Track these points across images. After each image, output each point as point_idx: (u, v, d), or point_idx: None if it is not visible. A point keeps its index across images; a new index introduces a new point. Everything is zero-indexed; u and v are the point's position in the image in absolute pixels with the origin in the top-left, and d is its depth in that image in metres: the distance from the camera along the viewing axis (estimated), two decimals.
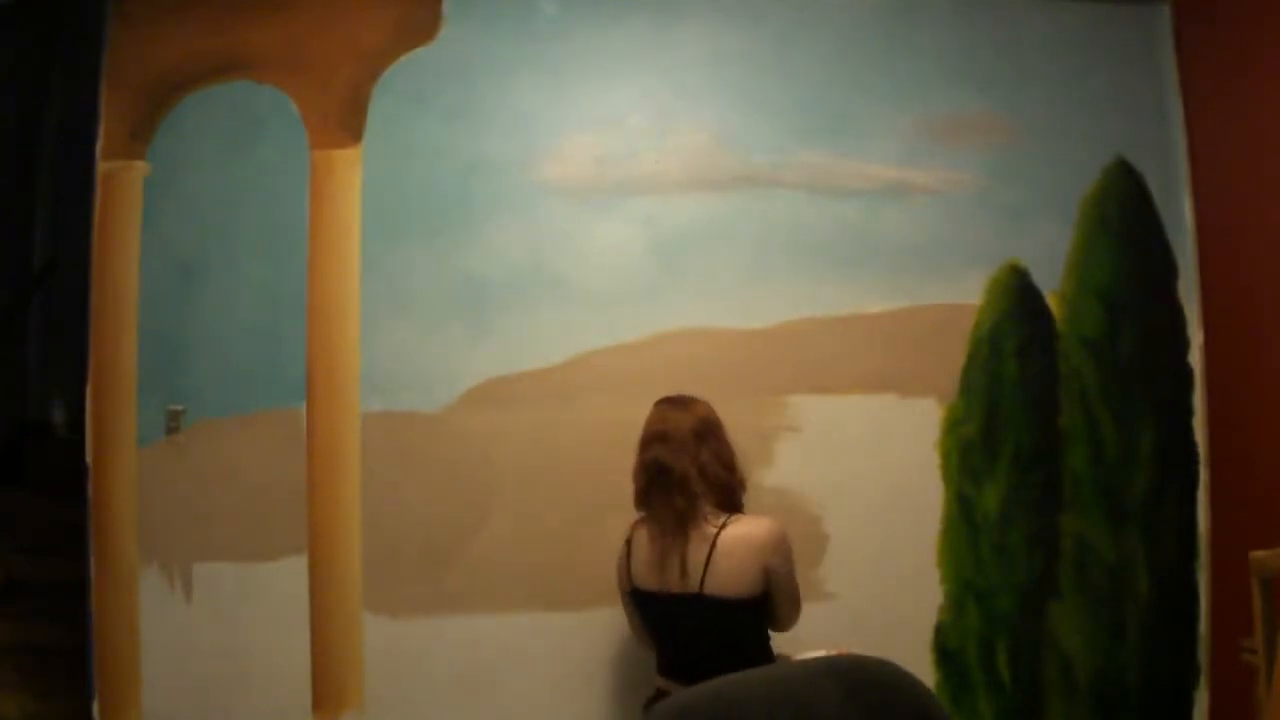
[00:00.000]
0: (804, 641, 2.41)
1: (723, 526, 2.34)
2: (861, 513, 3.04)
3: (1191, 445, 3.12)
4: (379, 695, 2.88)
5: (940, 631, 3.03)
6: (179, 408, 2.90)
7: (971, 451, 3.08)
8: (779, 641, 2.47)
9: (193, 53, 3.01)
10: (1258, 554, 2.46)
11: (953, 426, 3.08)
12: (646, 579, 2.39)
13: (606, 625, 2.93)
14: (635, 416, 3.00)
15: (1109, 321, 3.13)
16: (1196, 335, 3.15)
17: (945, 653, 3.03)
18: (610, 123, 3.10)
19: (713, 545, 2.31)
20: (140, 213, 2.95)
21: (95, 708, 2.81)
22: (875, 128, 3.17)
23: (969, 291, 3.12)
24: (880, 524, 3.04)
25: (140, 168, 2.97)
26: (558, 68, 3.11)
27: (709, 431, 2.47)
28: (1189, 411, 3.14)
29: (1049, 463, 3.09)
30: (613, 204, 3.08)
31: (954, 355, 3.10)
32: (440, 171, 3.04)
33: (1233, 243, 3.05)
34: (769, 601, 2.36)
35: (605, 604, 2.94)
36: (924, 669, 3.00)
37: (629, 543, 2.48)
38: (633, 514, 2.51)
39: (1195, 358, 3.15)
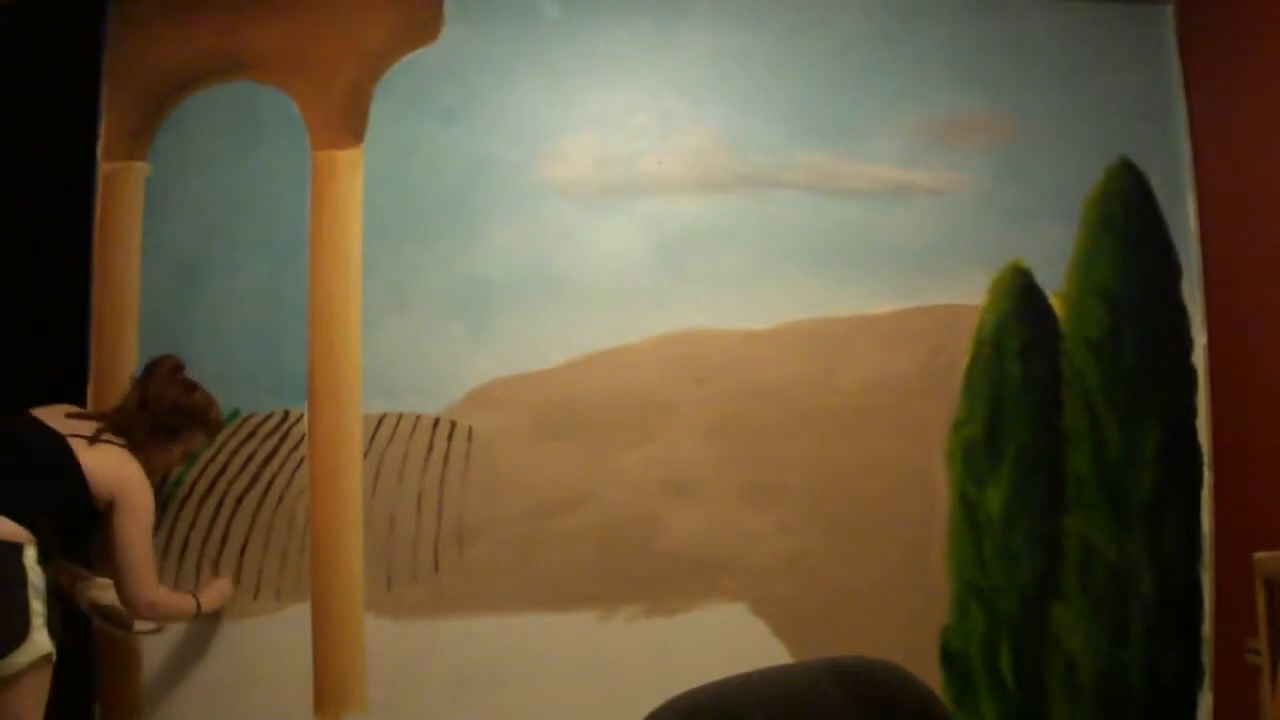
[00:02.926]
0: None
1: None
2: (863, 514, 3.03)
3: (1195, 446, 3.11)
4: (381, 697, 2.87)
5: (944, 633, 3.02)
6: None
7: (974, 453, 3.07)
8: None
9: (194, 53, 3.01)
10: (1262, 555, 2.46)
11: (955, 428, 3.08)
12: None
13: (609, 626, 2.93)
14: (638, 417, 3.01)
15: (1112, 322, 3.12)
16: (1200, 336, 3.14)
17: (948, 654, 3.02)
18: (612, 123, 3.10)
19: None
20: (141, 213, 2.96)
21: (96, 709, 2.81)
22: (877, 128, 3.16)
23: (972, 292, 3.11)
24: (882, 525, 3.03)
25: (141, 168, 2.97)
26: (559, 68, 3.10)
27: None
28: (1193, 412, 3.12)
29: (1052, 464, 3.08)
30: (614, 204, 3.07)
31: (957, 356, 3.10)
32: (442, 172, 3.04)
33: (1236, 243, 3.04)
34: None
35: (608, 605, 2.94)
36: (929, 671, 2.99)
37: None
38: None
39: (1199, 358, 3.13)
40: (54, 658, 2.29)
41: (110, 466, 2.47)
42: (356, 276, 2.99)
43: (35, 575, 2.27)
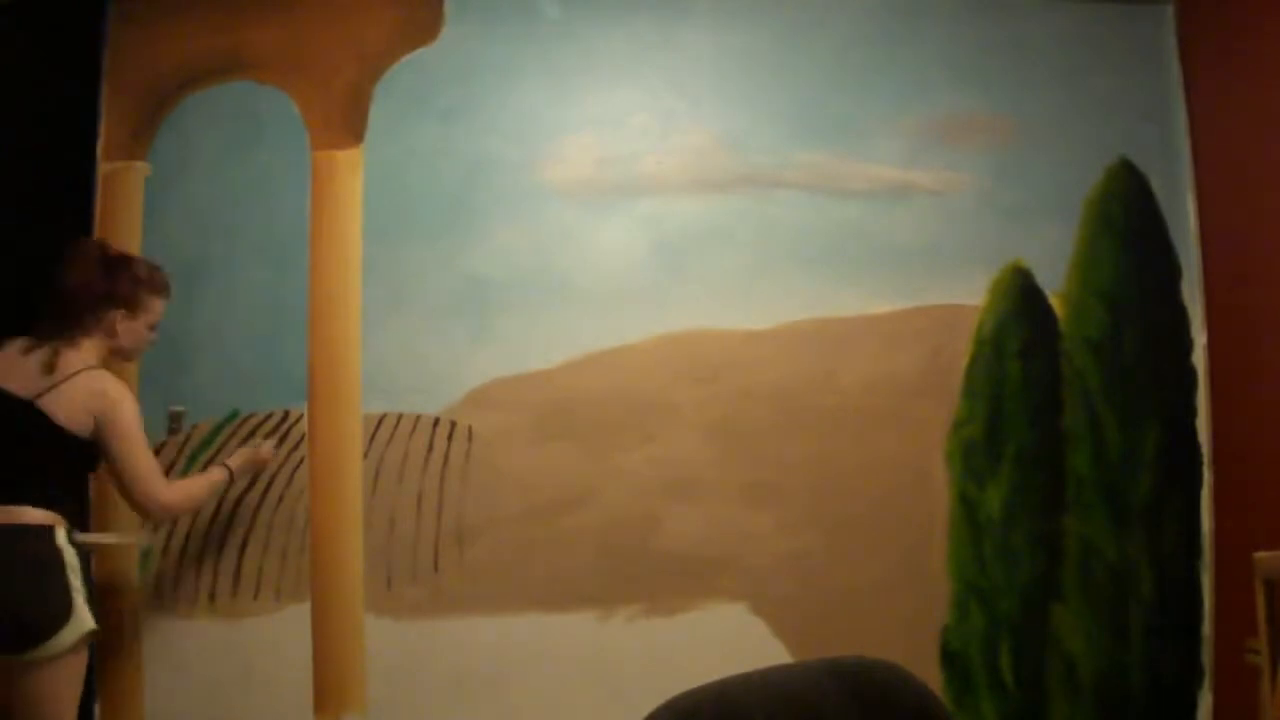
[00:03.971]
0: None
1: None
2: (863, 514, 3.03)
3: (1195, 446, 3.11)
4: (381, 697, 2.87)
5: (944, 633, 3.02)
6: (180, 409, 2.90)
7: (974, 452, 3.07)
8: None
9: (193, 53, 3.01)
10: (1261, 555, 2.46)
11: (956, 428, 3.08)
12: None
13: (609, 626, 2.93)
14: (638, 417, 3.01)
15: (1112, 322, 3.12)
16: (1200, 336, 3.14)
17: (948, 654, 3.02)
18: (612, 123, 3.10)
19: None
20: (141, 213, 2.96)
21: (96, 709, 2.81)
22: (877, 128, 3.16)
23: (972, 292, 3.12)
24: (882, 525, 3.04)
25: (141, 168, 2.97)
26: (559, 68, 3.10)
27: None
28: (1192, 412, 3.13)
29: (1052, 464, 3.08)
30: (615, 205, 3.07)
31: (956, 356, 3.10)
32: (442, 172, 3.04)
33: (1236, 243, 3.04)
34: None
35: (608, 605, 2.94)
36: (929, 671, 2.99)
37: None
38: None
39: (1199, 358, 3.14)
40: (98, 633, 2.31)
41: (79, 400, 2.34)
42: (356, 276, 2.99)
43: (69, 554, 2.29)
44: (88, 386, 2.37)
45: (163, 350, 2.90)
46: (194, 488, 2.56)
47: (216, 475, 2.63)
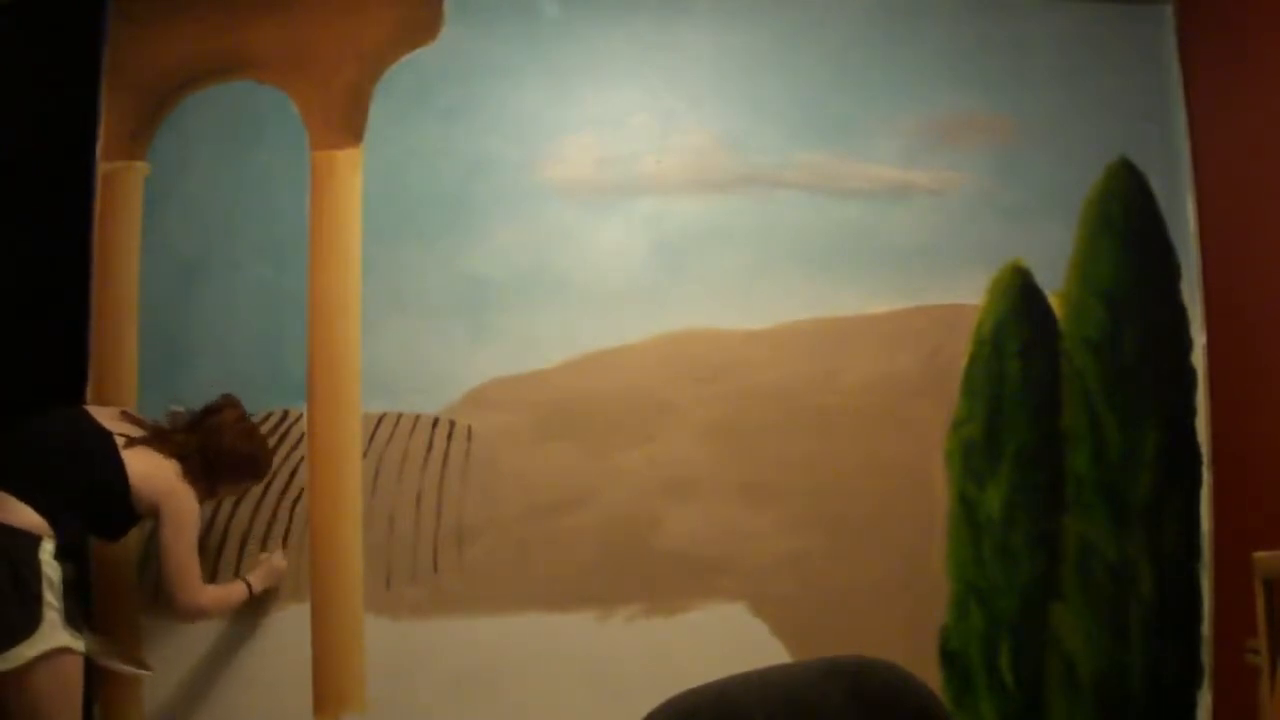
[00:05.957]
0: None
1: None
2: (863, 514, 3.03)
3: (1194, 446, 3.11)
4: (381, 697, 2.87)
5: (943, 633, 3.02)
6: (180, 409, 2.89)
7: (974, 452, 3.07)
8: None
9: (193, 53, 3.01)
10: (1261, 555, 2.46)
11: (955, 427, 3.08)
12: None
13: (609, 626, 2.93)
14: (638, 417, 3.01)
15: (1111, 322, 3.12)
16: (1199, 335, 3.14)
17: (948, 654, 3.02)
18: (612, 123, 3.10)
19: None
20: (141, 213, 2.96)
21: (96, 709, 2.81)
22: (877, 128, 3.16)
23: (971, 292, 3.12)
24: (882, 525, 3.04)
25: (141, 168, 2.97)
26: (559, 68, 3.10)
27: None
28: (1192, 412, 3.13)
29: (1051, 463, 3.08)
30: (614, 204, 3.07)
31: (956, 356, 3.10)
32: (441, 172, 3.04)
33: (1236, 243, 3.04)
34: None
35: (608, 605, 2.94)
36: (929, 671, 2.99)
37: None
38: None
39: (1198, 358, 3.14)
40: (79, 651, 2.29)
41: (155, 474, 2.46)
42: (356, 276, 2.99)
43: (50, 569, 2.27)
44: (165, 471, 2.50)
45: (162, 349, 2.91)
46: (225, 598, 2.67)
47: (239, 592, 2.70)
